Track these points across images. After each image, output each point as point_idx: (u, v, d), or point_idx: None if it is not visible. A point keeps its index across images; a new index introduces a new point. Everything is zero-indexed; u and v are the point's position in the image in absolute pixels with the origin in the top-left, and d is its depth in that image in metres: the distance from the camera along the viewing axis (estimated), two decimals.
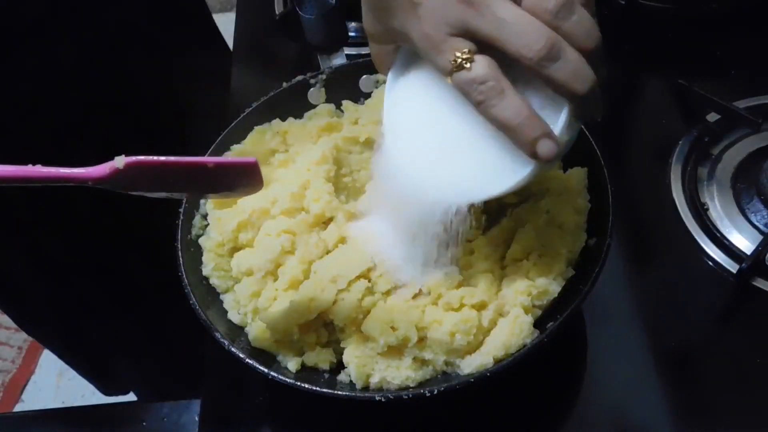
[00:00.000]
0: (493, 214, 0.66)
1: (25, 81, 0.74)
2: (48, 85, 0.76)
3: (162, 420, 0.71)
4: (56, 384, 1.76)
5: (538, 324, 0.59)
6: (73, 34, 0.75)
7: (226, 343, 0.58)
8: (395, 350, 0.58)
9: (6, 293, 0.95)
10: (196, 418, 0.68)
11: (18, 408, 1.72)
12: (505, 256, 0.63)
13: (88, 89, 0.79)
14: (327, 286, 0.60)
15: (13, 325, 1.81)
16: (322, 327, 0.61)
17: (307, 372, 0.60)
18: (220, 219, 0.67)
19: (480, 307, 0.59)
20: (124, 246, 0.94)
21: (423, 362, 0.59)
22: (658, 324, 0.69)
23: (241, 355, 0.57)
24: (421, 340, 0.58)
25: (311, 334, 0.61)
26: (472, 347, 0.58)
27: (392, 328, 0.58)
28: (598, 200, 0.64)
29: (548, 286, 0.59)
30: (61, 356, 1.11)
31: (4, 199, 0.80)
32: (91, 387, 1.19)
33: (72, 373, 1.70)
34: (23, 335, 1.83)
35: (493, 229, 0.65)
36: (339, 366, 0.61)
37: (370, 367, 0.58)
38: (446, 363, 0.59)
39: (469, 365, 0.57)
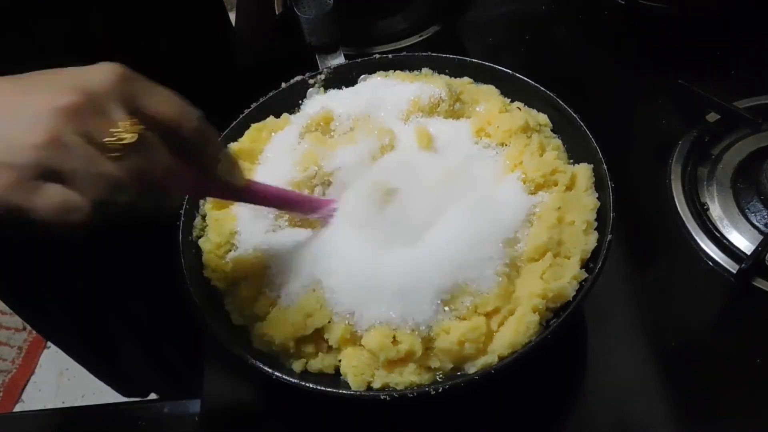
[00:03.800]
0: None
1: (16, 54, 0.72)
2: None
3: (162, 420, 0.71)
4: (56, 384, 1.75)
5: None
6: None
7: (230, 344, 0.58)
8: (398, 360, 0.57)
9: (21, 298, 0.95)
10: (196, 419, 0.68)
11: (18, 408, 1.72)
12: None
13: None
14: (324, 302, 0.59)
15: (14, 326, 1.83)
16: (321, 339, 0.60)
17: (310, 371, 0.60)
18: (217, 220, 0.66)
19: (492, 313, 0.58)
20: (124, 245, 0.94)
21: (428, 369, 0.57)
22: (658, 324, 0.69)
23: (245, 356, 0.57)
24: (427, 349, 0.57)
25: (309, 345, 0.59)
26: (481, 351, 0.57)
27: (394, 340, 0.56)
28: (599, 197, 0.64)
29: (564, 289, 0.58)
30: (79, 360, 1.12)
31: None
32: (91, 387, 1.20)
33: (72, 373, 1.71)
34: (23, 335, 1.83)
35: None
36: None
37: (369, 374, 0.57)
38: (453, 369, 0.57)
39: (474, 364, 0.56)
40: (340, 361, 0.59)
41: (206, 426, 0.67)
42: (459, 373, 0.57)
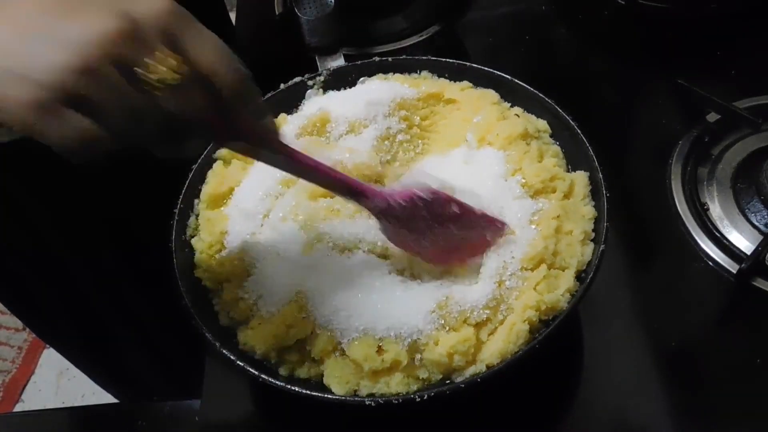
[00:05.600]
0: None
1: None
2: None
3: (162, 420, 0.71)
4: (56, 384, 1.76)
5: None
6: None
7: (218, 344, 0.57)
8: (384, 371, 0.55)
9: (19, 300, 0.95)
10: (196, 418, 0.68)
11: (18, 408, 1.72)
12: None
13: None
14: (307, 311, 0.58)
15: (14, 325, 1.83)
16: (305, 348, 0.58)
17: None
18: (209, 219, 0.66)
19: (482, 324, 0.57)
20: (123, 243, 0.94)
21: (417, 379, 0.56)
22: (658, 324, 0.69)
23: (232, 357, 0.56)
24: (414, 360, 0.55)
25: (293, 354, 0.58)
26: (470, 363, 0.56)
27: (379, 350, 0.55)
28: (595, 205, 0.64)
29: (557, 302, 0.57)
30: (78, 364, 1.12)
31: (15, 204, 0.79)
32: (91, 387, 1.19)
33: (72, 373, 1.71)
34: (23, 335, 1.83)
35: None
36: None
37: (354, 383, 0.55)
38: (442, 379, 0.56)
39: (463, 374, 0.55)
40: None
41: (206, 426, 0.67)
42: (447, 382, 0.56)
